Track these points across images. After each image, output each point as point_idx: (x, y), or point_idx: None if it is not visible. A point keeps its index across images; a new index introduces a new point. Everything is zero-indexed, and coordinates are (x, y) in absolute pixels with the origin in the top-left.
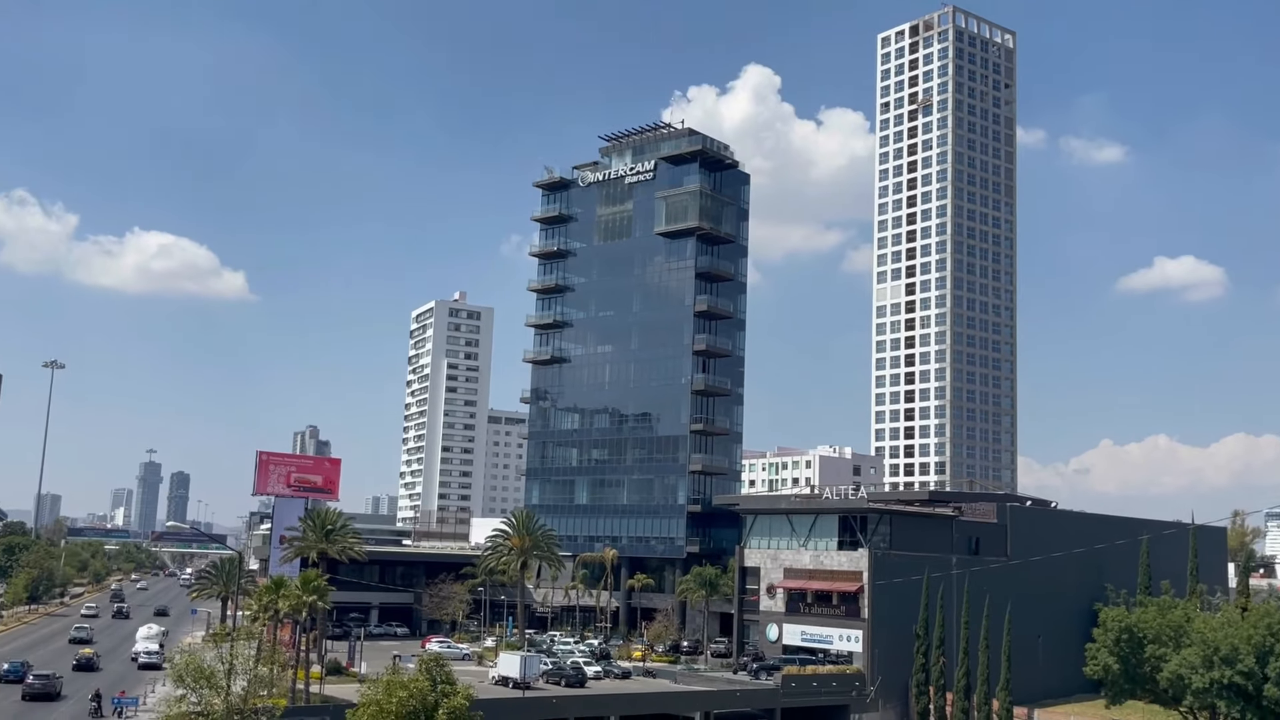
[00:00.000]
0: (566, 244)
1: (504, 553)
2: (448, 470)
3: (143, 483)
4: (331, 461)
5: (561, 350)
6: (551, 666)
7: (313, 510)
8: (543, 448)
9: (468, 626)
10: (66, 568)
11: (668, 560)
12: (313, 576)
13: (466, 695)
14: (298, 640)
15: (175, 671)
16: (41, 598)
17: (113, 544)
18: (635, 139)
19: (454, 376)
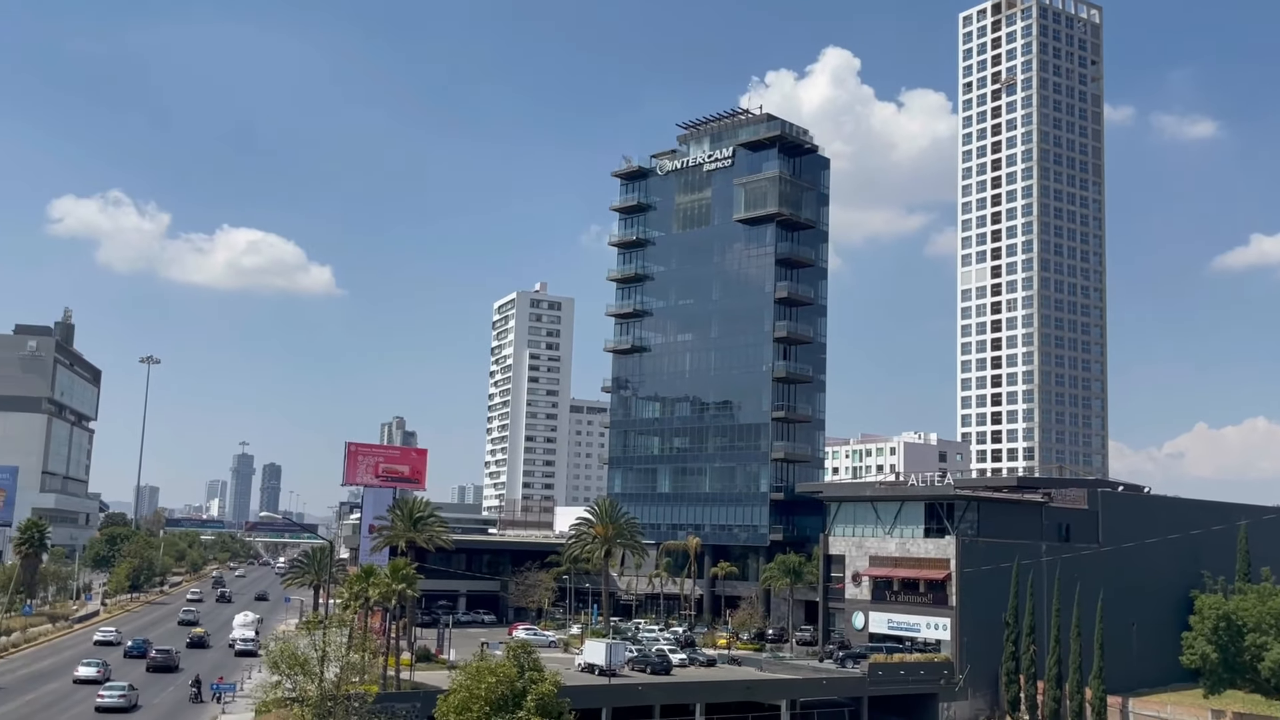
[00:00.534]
0: (645, 233)
1: (588, 541)
2: (531, 460)
3: (236, 474)
4: (418, 452)
5: (642, 339)
6: (637, 654)
7: (400, 500)
8: (624, 436)
9: (553, 614)
10: (165, 557)
11: (751, 548)
12: (402, 565)
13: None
14: (388, 628)
15: (271, 658)
16: (142, 586)
17: (208, 534)
18: (713, 126)
19: (536, 366)
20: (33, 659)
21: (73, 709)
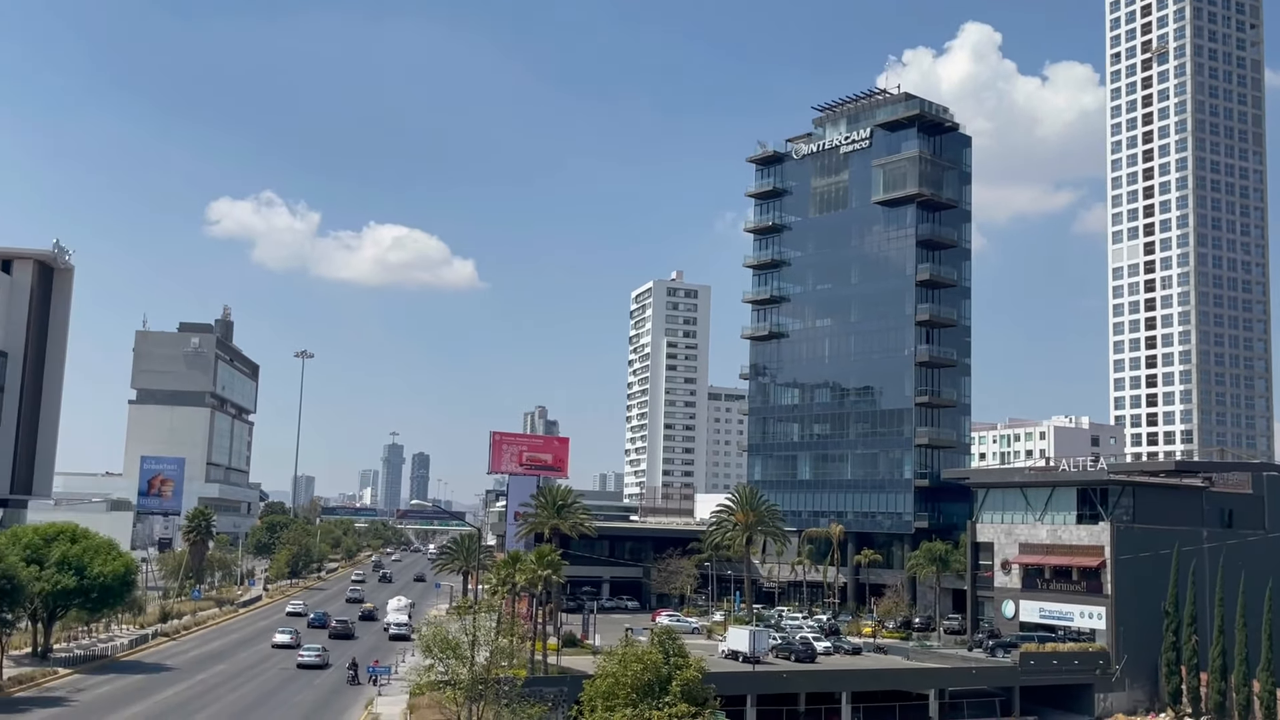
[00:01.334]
0: (782, 218)
1: (729, 528)
2: (670, 447)
3: (387, 464)
4: (560, 440)
5: (780, 325)
6: (781, 641)
7: (544, 487)
8: (764, 423)
9: (696, 601)
10: (322, 544)
11: (895, 535)
12: (547, 551)
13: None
14: (534, 613)
15: (424, 642)
16: (301, 572)
17: (362, 522)
18: (849, 107)
19: (674, 354)
20: (201, 641)
21: (275, 666)
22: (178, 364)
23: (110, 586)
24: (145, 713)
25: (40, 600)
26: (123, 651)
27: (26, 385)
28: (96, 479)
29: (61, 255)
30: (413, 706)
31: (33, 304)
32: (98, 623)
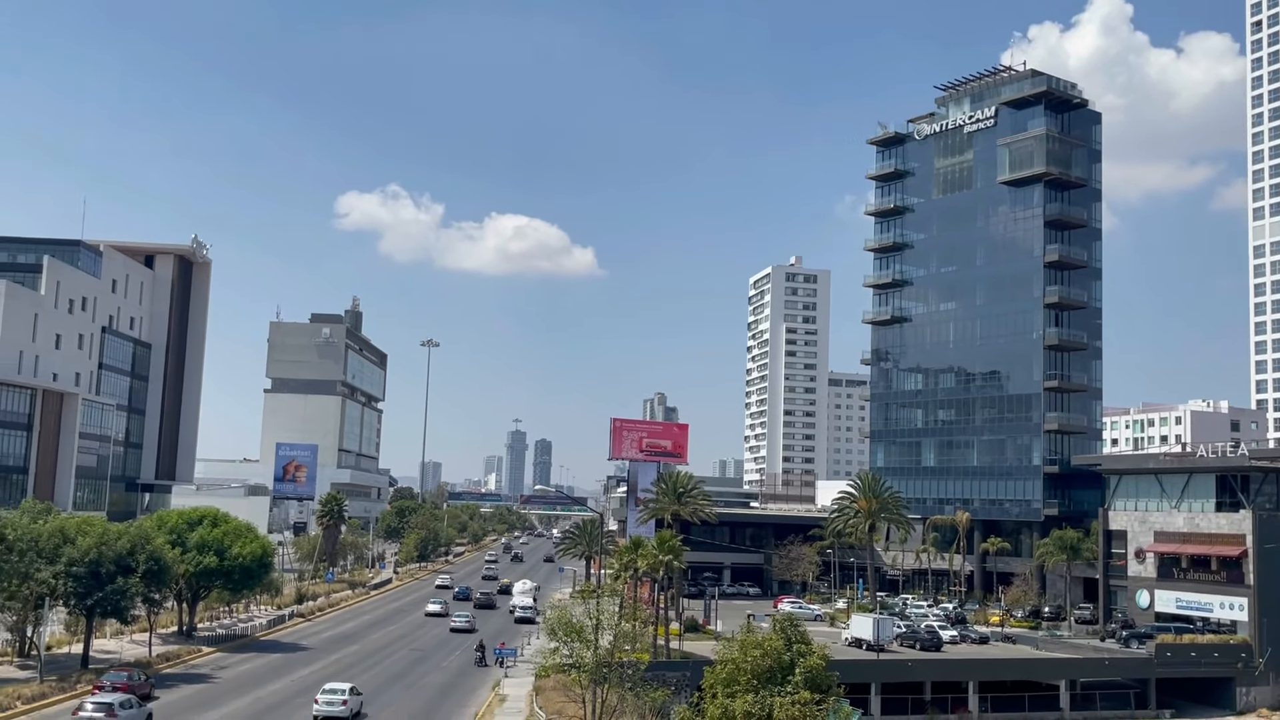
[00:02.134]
0: (903, 200)
1: (850, 515)
2: (790, 434)
3: (510, 450)
4: (680, 427)
5: (902, 309)
6: (905, 630)
7: (664, 473)
8: (886, 409)
9: (818, 588)
10: (449, 529)
11: (1024, 523)
12: (668, 537)
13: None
14: (656, 598)
15: (548, 625)
16: (429, 556)
17: (487, 507)
18: (973, 86)
19: (793, 340)
20: (335, 622)
21: (405, 648)
22: (310, 354)
23: (249, 568)
24: (283, 690)
25: (184, 581)
26: (261, 631)
27: (169, 375)
28: (235, 465)
29: (200, 250)
30: (538, 688)
31: (174, 297)
32: (238, 603)
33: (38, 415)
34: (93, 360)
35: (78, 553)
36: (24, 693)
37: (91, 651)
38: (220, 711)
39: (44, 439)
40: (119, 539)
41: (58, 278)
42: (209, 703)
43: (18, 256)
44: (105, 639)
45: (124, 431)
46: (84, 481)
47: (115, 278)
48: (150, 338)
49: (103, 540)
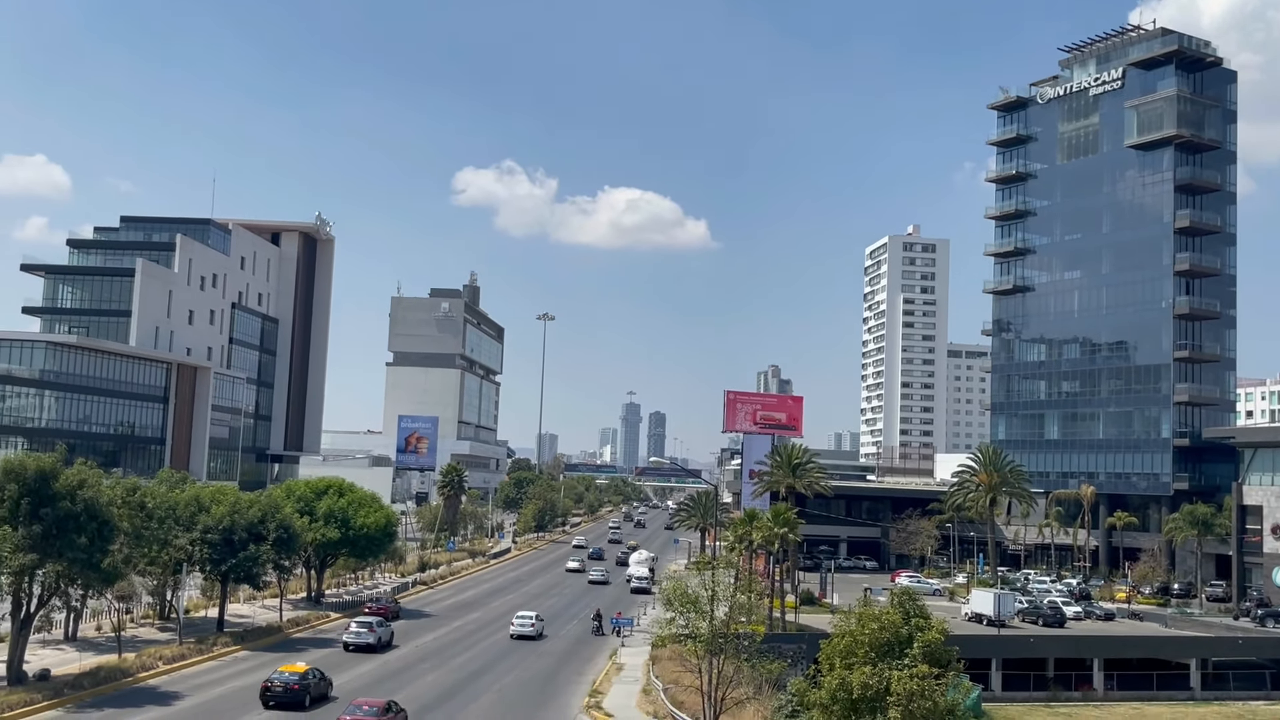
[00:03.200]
0: (1026, 166)
1: (971, 489)
2: (908, 406)
3: (625, 422)
4: (794, 399)
5: (1024, 279)
6: (1027, 605)
7: (779, 446)
8: (1007, 381)
9: (936, 562)
10: (565, 499)
11: (1151, 497)
12: (783, 510)
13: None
14: (771, 570)
15: (665, 596)
16: (546, 526)
17: (602, 479)
18: (1099, 47)
19: (911, 311)
20: (456, 590)
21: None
22: (430, 328)
23: (373, 537)
24: (409, 655)
25: (312, 549)
26: (386, 598)
27: (295, 349)
28: (359, 436)
29: (323, 227)
30: (654, 658)
31: (299, 273)
32: (363, 571)
33: (173, 388)
34: (223, 335)
35: (212, 521)
36: (165, 653)
37: (226, 616)
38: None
39: (179, 411)
40: (250, 508)
41: (190, 255)
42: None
43: (152, 235)
44: (239, 604)
45: (254, 404)
46: (217, 452)
47: (244, 255)
48: (277, 313)
49: (235, 509)
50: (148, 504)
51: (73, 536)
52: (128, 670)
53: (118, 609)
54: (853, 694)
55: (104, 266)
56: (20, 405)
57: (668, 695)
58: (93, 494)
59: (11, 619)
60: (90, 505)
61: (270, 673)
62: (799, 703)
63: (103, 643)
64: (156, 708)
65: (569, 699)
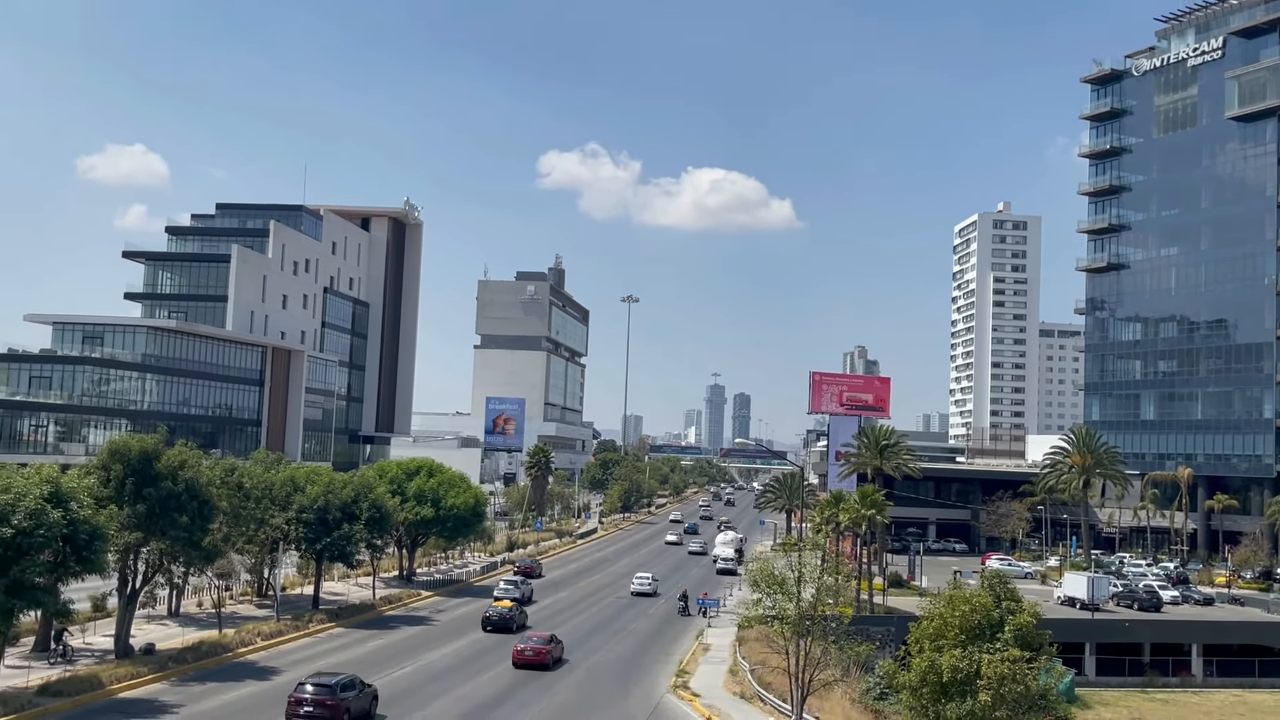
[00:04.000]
0: (1121, 140)
1: (1063, 471)
2: (998, 387)
3: (709, 404)
4: (881, 380)
5: (1119, 256)
6: (1122, 589)
7: (865, 427)
8: (1101, 361)
9: (1028, 545)
10: (650, 481)
11: (1253, 479)
12: (870, 492)
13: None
14: (858, 552)
15: (751, 577)
16: (632, 507)
17: (687, 460)
18: (1198, 16)
19: (1001, 290)
20: (544, 569)
21: (611, 596)
22: (516, 310)
23: (462, 517)
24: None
25: (404, 528)
26: (475, 577)
27: (386, 332)
28: (448, 418)
29: (412, 212)
30: (741, 639)
31: (388, 258)
32: (453, 550)
33: (268, 371)
34: (316, 319)
35: (307, 500)
36: (263, 629)
37: (320, 593)
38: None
39: (274, 393)
40: (344, 488)
41: (283, 241)
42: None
43: (247, 222)
44: (333, 581)
45: (346, 386)
46: (310, 433)
47: (335, 240)
48: (368, 297)
49: (329, 489)
50: (245, 484)
51: (175, 515)
52: (228, 645)
53: (218, 586)
54: (942, 677)
55: (201, 253)
56: (124, 388)
57: (754, 676)
58: (193, 474)
59: (119, 595)
60: (191, 485)
61: (487, 607)
62: (887, 685)
63: (204, 618)
64: (255, 682)
65: (656, 679)
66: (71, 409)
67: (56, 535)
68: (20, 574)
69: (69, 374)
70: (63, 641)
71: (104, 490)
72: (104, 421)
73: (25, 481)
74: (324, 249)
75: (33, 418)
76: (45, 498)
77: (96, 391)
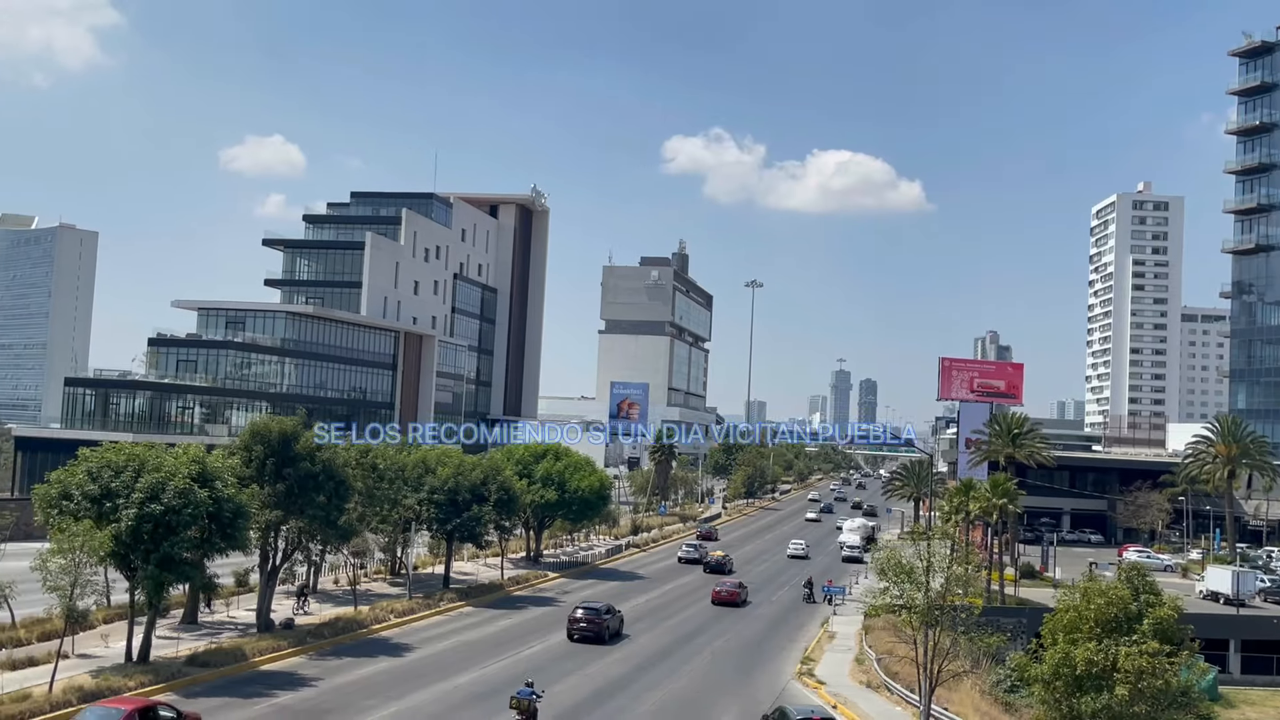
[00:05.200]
0: (1271, 116)
1: (1206, 461)
2: (1137, 374)
3: (834, 390)
4: (1014, 366)
5: (1268, 237)
6: (1270, 584)
7: (997, 414)
8: (1248, 346)
9: (1167, 537)
10: (775, 466)
11: None
12: (1001, 480)
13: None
14: (989, 542)
15: (878, 565)
16: (756, 492)
17: (812, 446)
18: None
19: (1140, 274)
20: (668, 554)
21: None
22: (640, 296)
23: (588, 500)
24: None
25: (531, 511)
26: (600, 560)
27: (513, 317)
28: (573, 402)
29: (538, 199)
30: (867, 627)
31: (516, 244)
32: (578, 532)
33: (400, 355)
34: (446, 305)
35: (438, 482)
36: (396, 607)
37: (450, 573)
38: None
39: (406, 377)
40: (473, 470)
41: (414, 229)
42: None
43: (380, 210)
44: (462, 561)
45: (474, 370)
46: (441, 416)
47: (464, 227)
48: (496, 283)
49: (459, 471)
50: (379, 465)
51: (312, 495)
52: (363, 622)
53: (353, 564)
54: (1076, 670)
55: (336, 240)
56: (264, 372)
57: (881, 665)
58: (330, 455)
59: (260, 571)
60: (328, 466)
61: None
62: (1018, 677)
63: (339, 595)
64: (389, 658)
65: (780, 665)
66: (216, 391)
67: (203, 513)
68: (170, 549)
69: (213, 358)
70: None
71: (246, 470)
72: (245, 404)
73: (174, 461)
74: (454, 236)
75: (180, 400)
76: (192, 477)
77: (239, 375)
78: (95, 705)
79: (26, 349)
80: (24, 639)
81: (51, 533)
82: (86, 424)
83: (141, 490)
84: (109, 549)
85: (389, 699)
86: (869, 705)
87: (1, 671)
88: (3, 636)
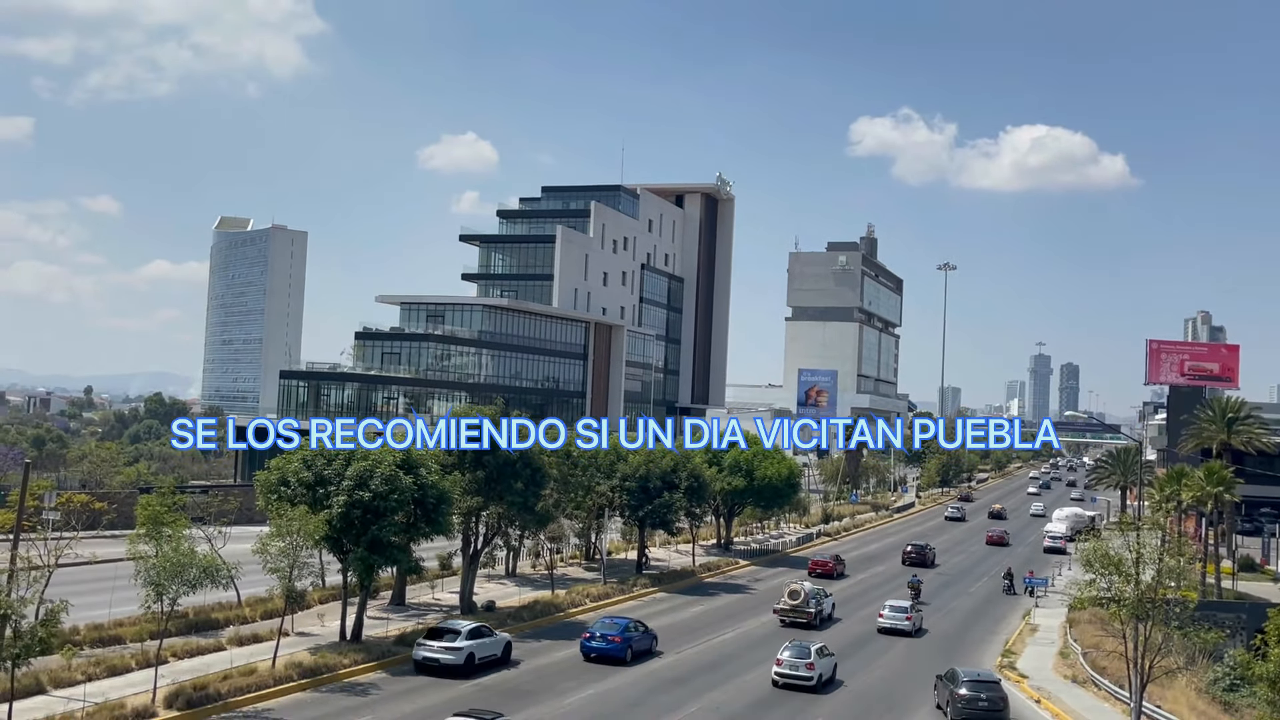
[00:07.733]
0: None
1: None
2: None
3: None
4: (1228, 348)
5: None
6: None
7: (1211, 399)
8: None
9: None
10: (970, 454)
11: None
12: (1217, 468)
13: None
14: (1203, 533)
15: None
16: (950, 481)
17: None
18: None
19: None
20: (860, 543)
21: (932, 572)
22: (827, 281)
23: (777, 488)
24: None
25: (720, 498)
26: (790, 548)
27: (700, 306)
28: (760, 390)
29: (723, 187)
30: (1072, 620)
31: (701, 233)
32: (768, 520)
33: (591, 345)
34: (634, 295)
35: (629, 469)
36: (591, 591)
37: (643, 559)
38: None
39: (597, 367)
40: (664, 458)
41: (603, 221)
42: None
43: (569, 203)
44: (654, 548)
45: (662, 359)
46: (630, 404)
47: (651, 218)
48: (682, 272)
49: (650, 459)
50: (573, 453)
51: (511, 482)
52: (559, 605)
53: (550, 549)
54: None
55: (528, 234)
56: (462, 363)
57: (1087, 660)
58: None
59: (462, 555)
60: (525, 454)
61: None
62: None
63: (537, 579)
64: None
65: (980, 658)
66: (418, 382)
67: (408, 499)
68: (378, 533)
69: (415, 350)
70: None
71: (448, 458)
72: (445, 394)
73: (381, 450)
74: (640, 227)
75: (385, 390)
76: (398, 465)
77: (439, 366)
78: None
79: (245, 344)
80: (249, 617)
81: (271, 517)
82: (300, 414)
83: (351, 477)
84: (323, 533)
85: (587, 681)
86: (1075, 700)
87: (230, 647)
88: (231, 614)
